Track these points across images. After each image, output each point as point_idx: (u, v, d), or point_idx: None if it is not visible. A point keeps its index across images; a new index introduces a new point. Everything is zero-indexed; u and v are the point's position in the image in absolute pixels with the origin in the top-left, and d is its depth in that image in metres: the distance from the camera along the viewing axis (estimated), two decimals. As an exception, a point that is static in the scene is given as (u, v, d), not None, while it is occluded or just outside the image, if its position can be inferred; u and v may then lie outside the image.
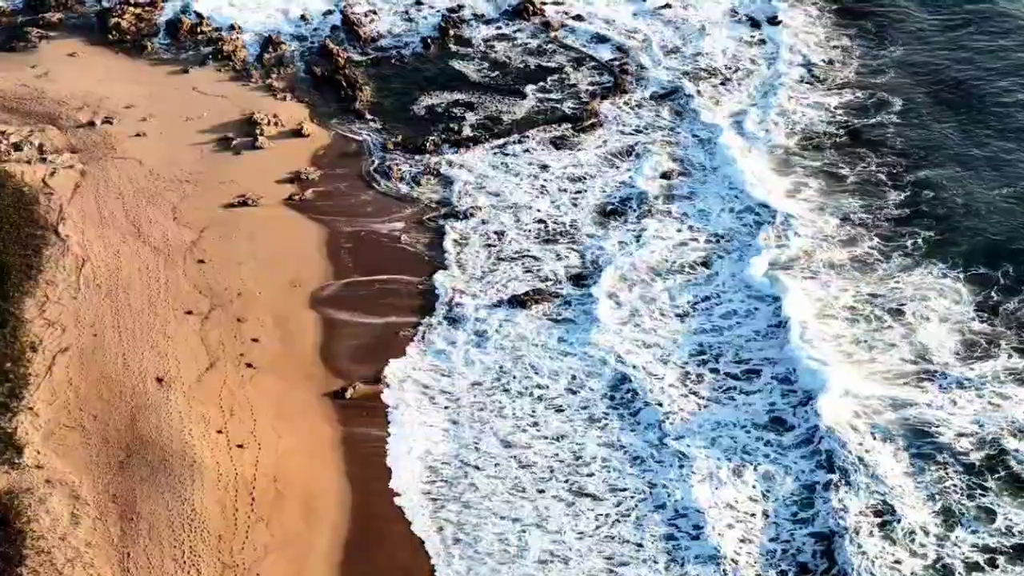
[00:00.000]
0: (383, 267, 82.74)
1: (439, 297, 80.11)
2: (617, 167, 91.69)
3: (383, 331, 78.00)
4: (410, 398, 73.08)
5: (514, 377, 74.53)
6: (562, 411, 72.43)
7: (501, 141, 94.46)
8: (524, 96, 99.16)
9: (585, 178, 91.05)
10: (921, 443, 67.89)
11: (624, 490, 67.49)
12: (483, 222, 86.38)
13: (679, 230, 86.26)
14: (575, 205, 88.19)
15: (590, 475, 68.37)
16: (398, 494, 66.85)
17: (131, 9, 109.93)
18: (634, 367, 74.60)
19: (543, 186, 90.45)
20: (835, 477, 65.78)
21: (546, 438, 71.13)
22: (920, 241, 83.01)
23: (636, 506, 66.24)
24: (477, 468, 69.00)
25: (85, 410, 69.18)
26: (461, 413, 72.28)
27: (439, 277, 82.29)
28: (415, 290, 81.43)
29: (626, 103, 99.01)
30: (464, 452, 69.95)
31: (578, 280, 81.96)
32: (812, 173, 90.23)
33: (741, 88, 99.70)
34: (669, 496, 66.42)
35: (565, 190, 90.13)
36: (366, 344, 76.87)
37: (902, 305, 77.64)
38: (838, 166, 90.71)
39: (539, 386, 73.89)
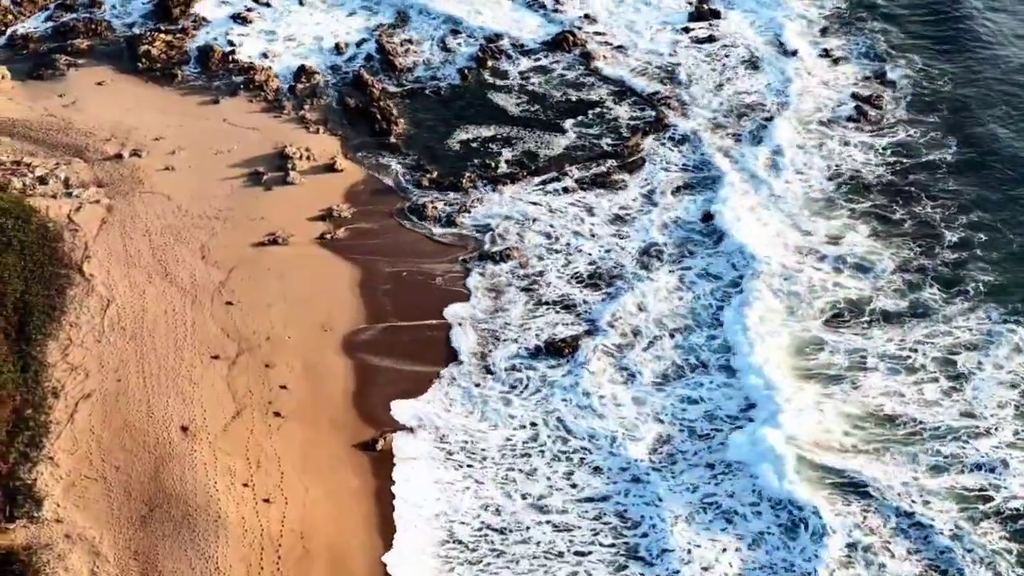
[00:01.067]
0: (417, 310, 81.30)
1: (472, 343, 75.85)
2: (658, 206, 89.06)
3: (417, 378, 76.38)
4: (431, 451, 70.56)
5: (548, 436, 70.70)
6: (601, 472, 68.57)
7: (539, 179, 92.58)
8: (563, 131, 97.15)
9: (626, 218, 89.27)
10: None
11: (672, 551, 63.70)
12: (520, 264, 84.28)
13: (719, 274, 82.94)
14: (617, 246, 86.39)
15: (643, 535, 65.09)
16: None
17: (162, 36, 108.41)
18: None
19: (583, 226, 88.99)
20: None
21: (586, 500, 67.14)
22: (979, 287, 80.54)
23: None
24: (502, 532, 65.63)
25: (107, 461, 67.56)
26: (487, 472, 69.52)
27: (470, 322, 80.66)
28: (447, 335, 79.19)
29: (668, 138, 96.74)
30: (487, 514, 66.54)
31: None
32: (860, 215, 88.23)
33: (786, 124, 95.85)
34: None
35: (606, 230, 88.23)
36: (399, 391, 75.50)
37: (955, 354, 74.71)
38: (888, 208, 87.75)
39: (575, 448, 70.02)
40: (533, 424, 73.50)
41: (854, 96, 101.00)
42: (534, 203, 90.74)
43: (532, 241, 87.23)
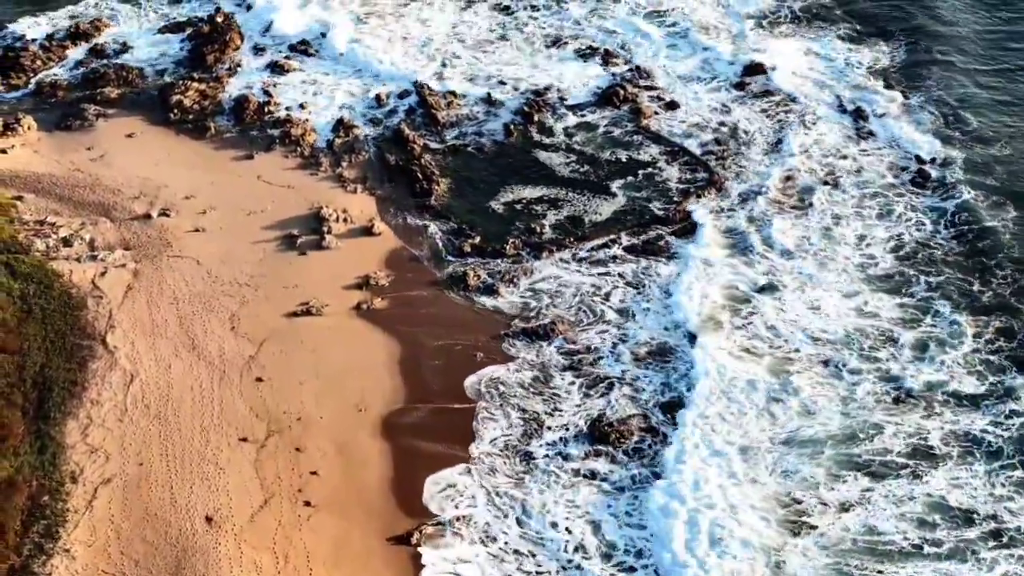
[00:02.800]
0: (457, 389, 78.20)
1: (514, 428, 74.21)
2: (710, 276, 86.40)
3: (458, 463, 73.52)
4: (471, 550, 68.27)
5: (594, 547, 68.11)
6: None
7: (587, 246, 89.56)
8: (611, 193, 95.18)
9: (677, 288, 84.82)
10: None
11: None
12: (565, 339, 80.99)
13: (775, 351, 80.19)
14: (669, 321, 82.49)
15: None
16: None
17: (195, 85, 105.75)
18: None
19: (634, 298, 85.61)
20: None
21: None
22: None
23: None
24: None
25: (127, 554, 64.97)
26: (531, 576, 65.30)
27: (511, 404, 78.02)
28: (489, 418, 76.81)
29: (722, 202, 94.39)
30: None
31: (670, 409, 76.27)
32: (934, 288, 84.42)
33: (846, 191, 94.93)
34: None
35: (658, 302, 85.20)
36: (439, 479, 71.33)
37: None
38: (963, 281, 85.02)
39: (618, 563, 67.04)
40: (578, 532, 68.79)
41: (916, 159, 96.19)
42: (581, 272, 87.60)
43: (577, 314, 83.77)
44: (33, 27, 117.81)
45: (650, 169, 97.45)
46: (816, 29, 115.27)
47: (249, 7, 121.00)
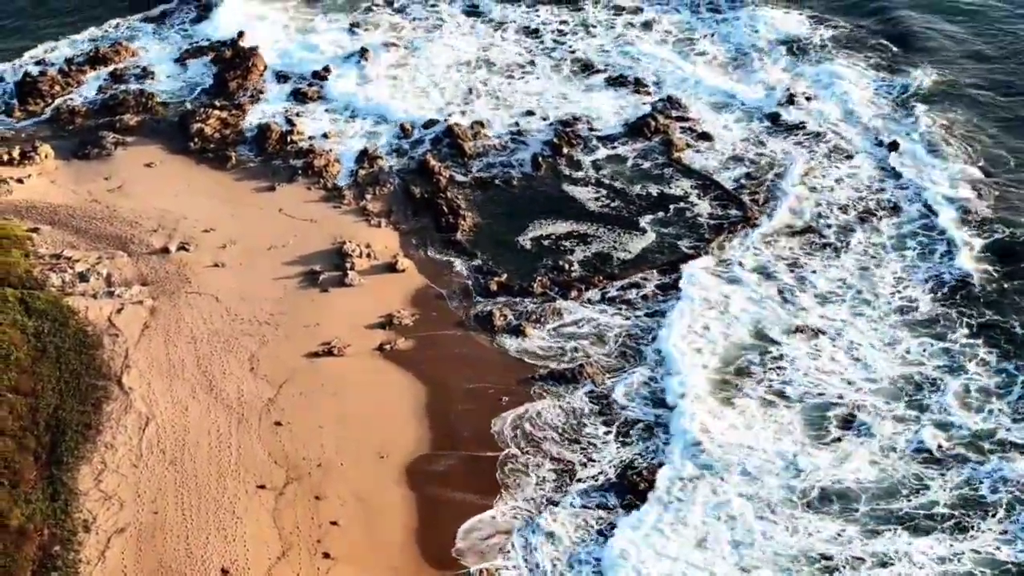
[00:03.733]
0: (483, 435, 76.59)
1: (545, 477, 72.80)
2: (739, 318, 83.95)
3: (486, 515, 70.93)
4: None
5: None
6: None
7: (616, 284, 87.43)
8: (641, 229, 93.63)
9: (708, 330, 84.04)
10: None
11: None
12: (594, 383, 79.17)
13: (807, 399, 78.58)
14: (700, 364, 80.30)
15: None
16: None
17: (216, 113, 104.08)
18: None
19: (661, 340, 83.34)
20: None
21: None
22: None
23: None
24: None
25: (139, 609, 62.18)
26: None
27: (540, 450, 76.10)
28: (518, 466, 74.68)
29: (754, 239, 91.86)
30: None
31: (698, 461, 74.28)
32: (977, 332, 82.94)
33: (881, 229, 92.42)
34: None
35: (689, 345, 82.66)
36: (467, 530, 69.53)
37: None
38: (1004, 322, 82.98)
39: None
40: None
41: (951, 195, 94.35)
42: (610, 312, 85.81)
43: (607, 356, 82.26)
44: (53, 51, 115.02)
45: (681, 204, 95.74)
46: (848, 56, 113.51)
47: (286, 26, 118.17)
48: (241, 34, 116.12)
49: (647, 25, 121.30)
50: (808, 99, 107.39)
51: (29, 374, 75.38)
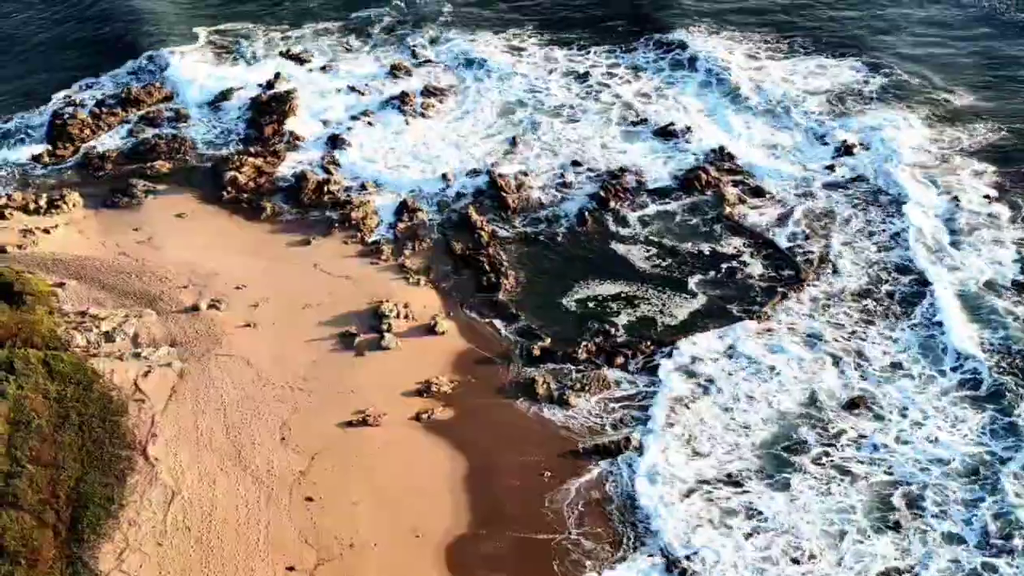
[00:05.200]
0: (529, 514, 74.10)
1: (598, 561, 70.72)
2: (791, 391, 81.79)
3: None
4: None
5: None
6: None
7: (664, 350, 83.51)
8: (689, 290, 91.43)
9: (758, 401, 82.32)
10: None
11: None
12: (640, 457, 77.56)
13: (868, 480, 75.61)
14: (749, 439, 78.19)
15: None
16: None
17: (250, 160, 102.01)
18: None
19: (714, 412, 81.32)
20: None
21: None
22: None
23: None
24: None
25: None
26: None
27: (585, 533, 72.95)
28: (563, 548, 72.14)
29: (809, 302, 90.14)
30: None
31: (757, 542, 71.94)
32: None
33: (944, 291, 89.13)
34: None
35: (739, 420, 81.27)
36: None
37: None
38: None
39: None
40: None
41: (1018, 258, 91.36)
42: (656, 380, 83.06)
43: (652, 432, 79.65)
44: (83, 90, 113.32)
45: (733, 263, 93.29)
46: (905, 107, 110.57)
47: (324, 68, 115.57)
48: (278, 76, 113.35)
49: (693, 67, 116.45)
50: (865, 148, 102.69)
51: (50, 443, 73.38)
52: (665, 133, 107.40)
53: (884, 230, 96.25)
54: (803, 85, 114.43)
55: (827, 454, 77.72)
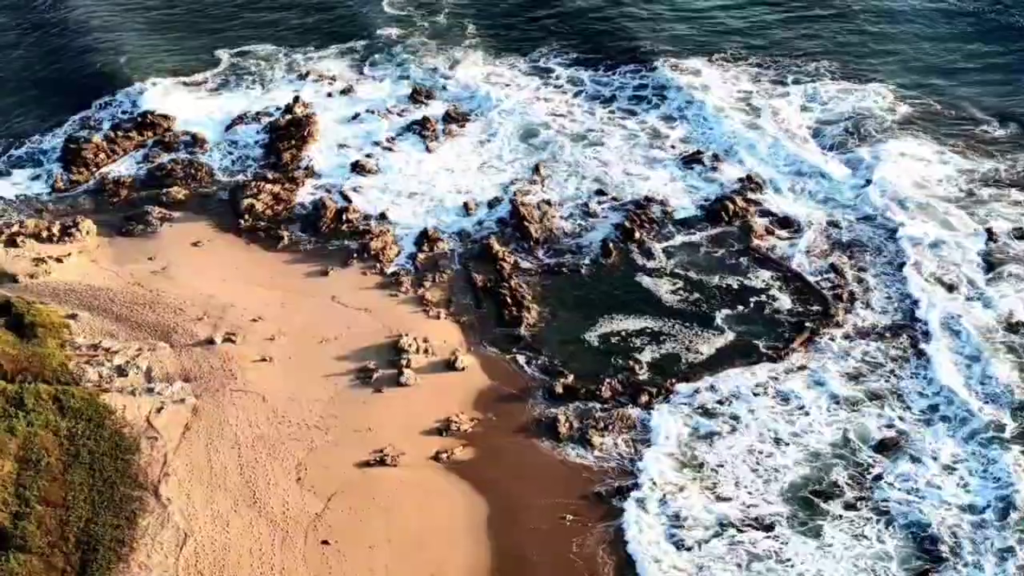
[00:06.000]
0: (552, 561, 72.63)
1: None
2: (822, 433, 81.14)
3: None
4: None
5: None
6: None
7: (689, 388, 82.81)
8: (716, 326, 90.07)
9: (786, 442, 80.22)
10: None
11: None
12: (663, 500, 76.05)
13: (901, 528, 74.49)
14: (777, 482, 76.80)
15: None
16: None
17: (268, 187, 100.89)
18: None
19: (740, 453, 79.94)
20: None
21: None
22: None
23: None
24: None
25: None
26: None
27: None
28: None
29: (840, 338, 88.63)
30: None
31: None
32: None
33: (968, 339, 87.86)
34: None
35: (761, 455, 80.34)
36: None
37: None
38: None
39: None
40: None
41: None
42: (681, 418, 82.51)
43: (679, 469, 78.78)
44: (99, 111, 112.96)
45: (761, 297, 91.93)
46: (934, 135, 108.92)
47: (344, 92, 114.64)
48: (296, 99, 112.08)
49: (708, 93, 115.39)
50: (896, 179, 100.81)
51: (60, 482, 72.38)
52: (691, 160, 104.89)
53: (921, 265, 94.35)
54: (827, 112, 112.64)
55: (860, 498, 75.97)
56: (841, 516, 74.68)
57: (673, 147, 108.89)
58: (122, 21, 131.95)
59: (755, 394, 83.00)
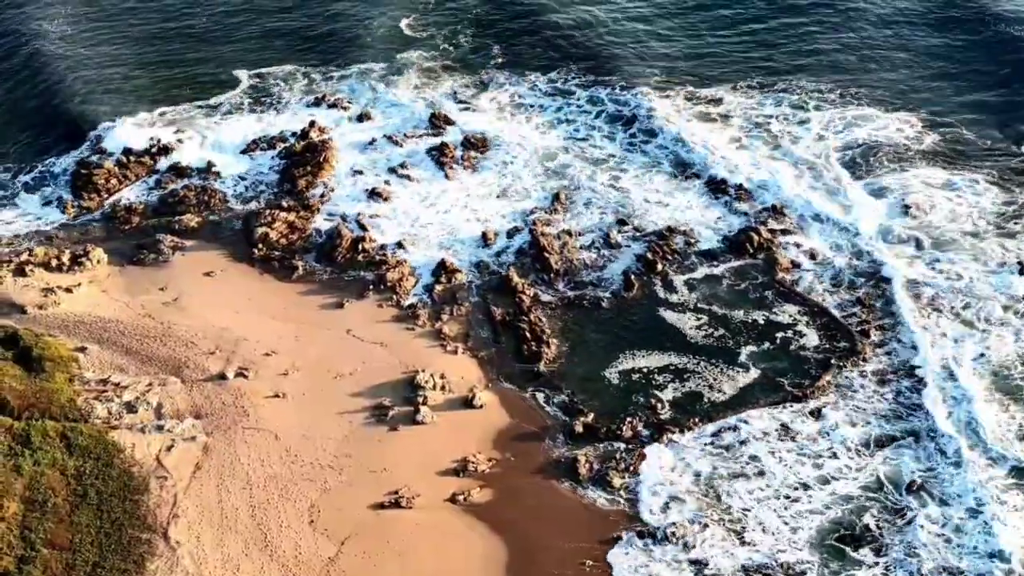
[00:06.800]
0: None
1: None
2: (849, 475, 79.85)
3: None
4: None
5: None
6: None
7: (712, 427, 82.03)
8: (741, 362, 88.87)
9: (812, 486, 78.58)
10: None
11: None
12: (686, 546, 75.47)
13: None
14: (797, 527, 75.81)
15: None
16: None
17: (282, 215, 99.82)
18: None
19: (764, 497, 78.50)
20: None
21: None
22: None
23: None
24: None
25: None
26: None
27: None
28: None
29: (866, 377, 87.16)
30: None
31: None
32: None
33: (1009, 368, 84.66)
34: None
35: (788, 499, 78.57)
36: None
37: None
38: None
39: None
40: None
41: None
42: (705, 458, 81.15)
43: (703, 512, 77.51)
44: (111, 137, 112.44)
45: (787, 333, 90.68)
46: (968, 163, 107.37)
47: (361, 118, 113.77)
48: (312, 124, 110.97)
49: (727, 121, 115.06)
50: (924, 211, 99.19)
51: (67, 524, 71.38)
52: (716, 189, 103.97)
53: (953, 302, 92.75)
54: (853, 140, 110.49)
55: (888, 544, 74.59)
56: (875, 564, 72.01)
57: (696, 174, 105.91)
58: (138, 44, 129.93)
59: (780, 435, 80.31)
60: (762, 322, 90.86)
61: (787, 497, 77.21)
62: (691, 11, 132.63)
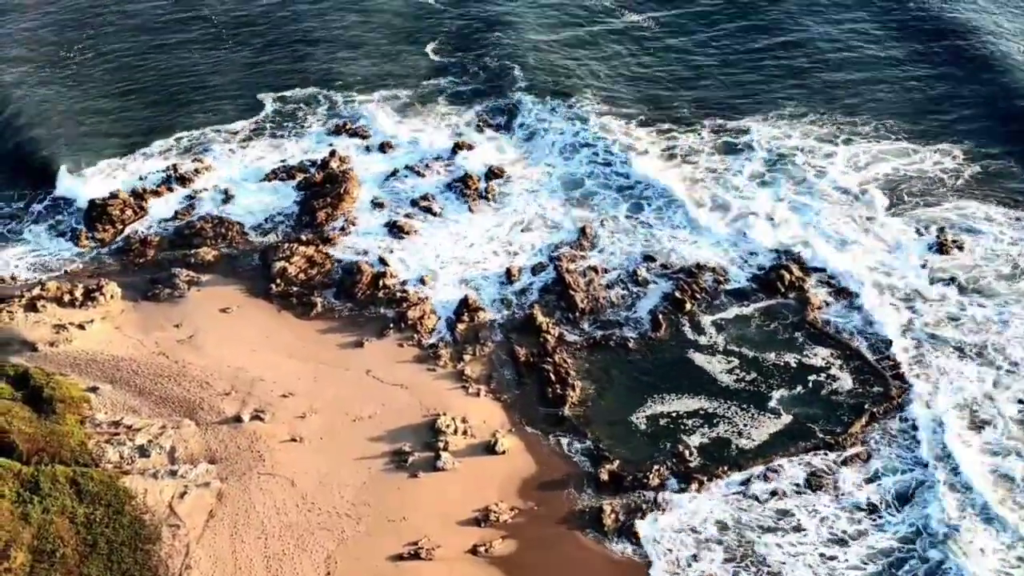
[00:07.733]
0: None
1: None
2: (881, 524, 78.55)
3: None
4: None
5: None
6: None
7: (742, 476, 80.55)
8: (771, 408, 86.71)
9: (848, 541, 77.56)
10: None
11: None
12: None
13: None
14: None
15: None
16: None
17: (301, 249, 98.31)
18: None
19: (799, 551, 77.10)
20: None
21: None
22: None
23: None
24: None
25: None
26: None
27: None
28: None
29: (900, 425, 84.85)
30: None
31: None
32: None
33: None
34: None
35: (822, 557, 76.58)
36: None
37: None
38: None
39: None
40: None
41: None
42: (734, 508, 79.75)
43: (732, 566, 76.07)
44: (124, 166, 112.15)
45: (820, 376, 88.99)
46: (1002, 200, 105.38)
47: (383, 147, 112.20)
48: (333, 153, 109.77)
49: (752, 150, 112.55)
50: (959, 247, 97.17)
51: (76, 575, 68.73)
52: (745, 224, 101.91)
53: (998, 345, 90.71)
54: (889, 173, 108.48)
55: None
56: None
57: (727, 208, 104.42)
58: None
59: (812, 486, 78.59)
60: (794, 365, 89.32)
61: (823, 555, 74.41)
62: (722, 39, 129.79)
